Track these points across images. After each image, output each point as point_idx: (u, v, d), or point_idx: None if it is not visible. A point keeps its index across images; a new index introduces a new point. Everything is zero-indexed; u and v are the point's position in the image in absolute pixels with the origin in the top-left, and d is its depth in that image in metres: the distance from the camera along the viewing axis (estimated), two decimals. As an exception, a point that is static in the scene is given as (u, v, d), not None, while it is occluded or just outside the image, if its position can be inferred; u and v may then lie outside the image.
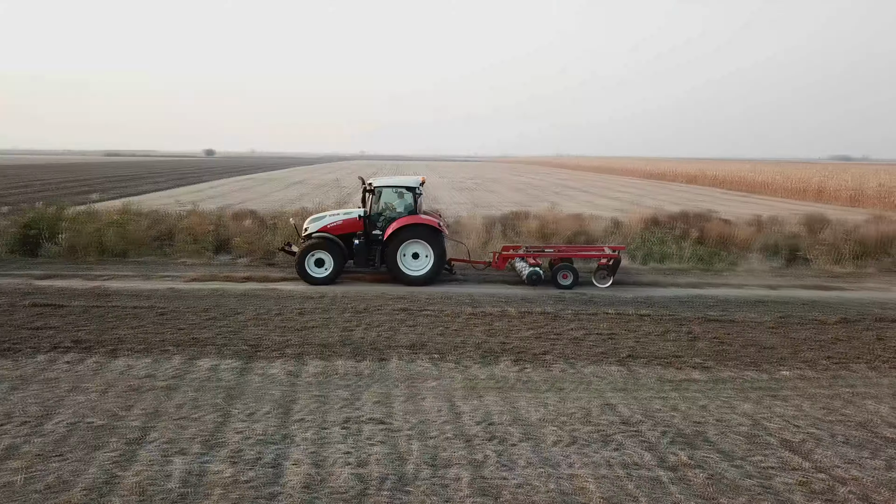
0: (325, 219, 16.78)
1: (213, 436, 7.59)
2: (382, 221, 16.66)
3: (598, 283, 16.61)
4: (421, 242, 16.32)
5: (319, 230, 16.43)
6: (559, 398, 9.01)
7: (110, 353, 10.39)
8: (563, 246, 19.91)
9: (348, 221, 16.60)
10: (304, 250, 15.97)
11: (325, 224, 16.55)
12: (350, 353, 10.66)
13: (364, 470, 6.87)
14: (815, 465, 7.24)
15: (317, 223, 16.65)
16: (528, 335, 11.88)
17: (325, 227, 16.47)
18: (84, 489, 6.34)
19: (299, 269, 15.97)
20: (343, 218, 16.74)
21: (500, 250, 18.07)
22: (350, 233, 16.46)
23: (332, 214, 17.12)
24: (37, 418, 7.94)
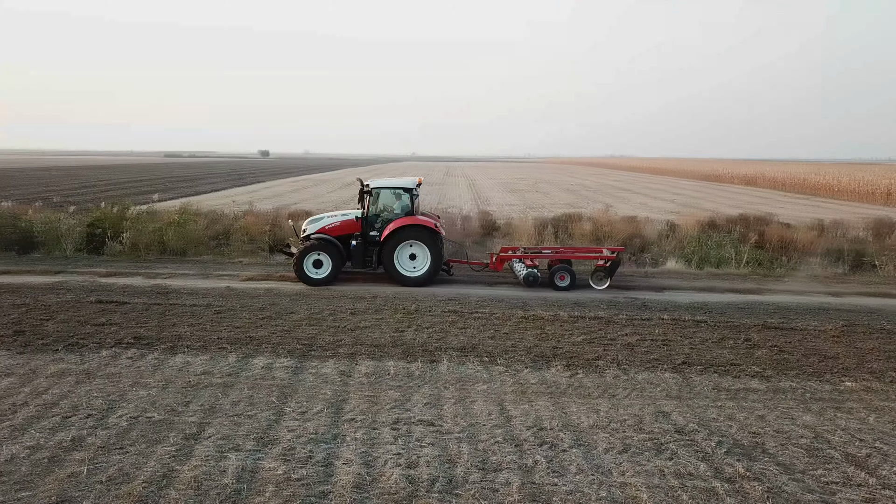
0: (323, 220, 16.87)
1: (267, 433, 7.73)
2: (380, 223, 16.66)
3: (595, 284, 16.43)
4: (418, 243, 16.31)
5: (317, 231, 16.50)
6: (611, 404, 8.86)
7: (170, 350, 10.70)
8: (560, 247, 19.80)
9: (346, 223, 16.67)
10: (303, 252, 15.96)
11: (323, 225, 16.64)
12: (401, 353, 10.73)
13: (414, 471, 6.89)
14: (882, 481, 6.94)
15: (315, 224, 16.73)
16: (581, 340, 11.73)
17: (323, 229, 16.55)
18: (144, 482, 6.54)
19: (298, 269, 15.94)
20: (341, 219, 16.81)
21: (499, 251, 18.10)
22: (348, 234, 16.54)
23: (329, 216, 17.16)
24: (100, 411, 8.23)
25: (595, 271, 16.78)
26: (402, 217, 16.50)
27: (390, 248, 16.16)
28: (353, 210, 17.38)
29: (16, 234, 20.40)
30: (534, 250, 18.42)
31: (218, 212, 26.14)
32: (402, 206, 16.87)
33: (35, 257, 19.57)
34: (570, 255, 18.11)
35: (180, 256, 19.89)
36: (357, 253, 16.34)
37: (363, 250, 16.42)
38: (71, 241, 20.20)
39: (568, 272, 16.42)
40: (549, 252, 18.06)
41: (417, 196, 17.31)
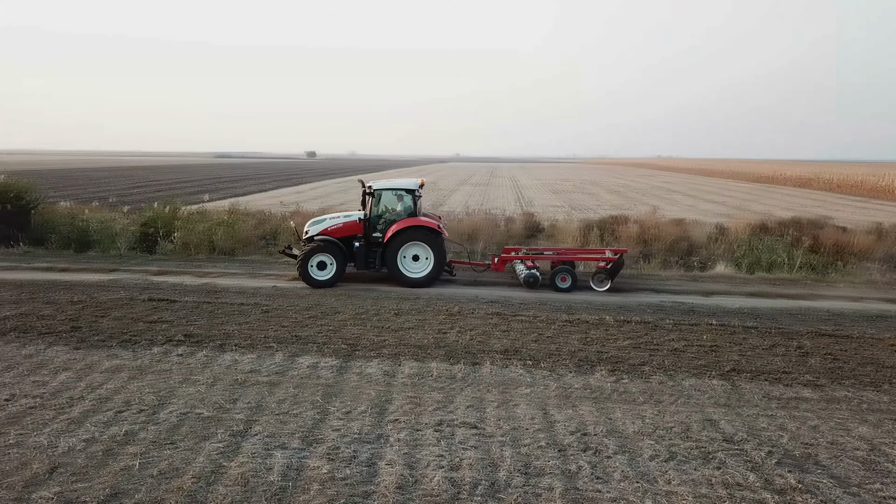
0: (326, 222, 16.76)
1: (312, 432, 7.83)
2: (382, 224, 16.64)
3: (595, 286, 16.28)
4: (421, 244, 16.31)
5: (320, 233, 16.42)
6: (657, 411, 8.72)
7: (218, 348, 10.94)
8: (562, 249, 19.65)
9: (348, 224, 16.59)
10: (307, 253, 15.88)
11: (326, 227, 16.56)
12: (444, 355, 10.75)
13: (456, 474, 6.89)
14: (943, 498, 6.66)
15: (317, 226, 16.64)
16: (626, 345, 11.57)
17: (326, 230, 16.48)
18: (193, 477, 6.70)
19: (302, 271, 15.84)
20: (343, 221, 16.71)
21: (502, 252, 18.09)
22: (350, 235, 16.48)
23: (332, 217, 17.06)
24: (152, 407, 8.46)
25: (596, 273, 16.68)
26: (405, 218, 16.51)
27: (393, 249, 16.17)
28: (355, 211, 17.30)
29: (74, 233, 21.12)
30: (535, 251, 18.45)
31: (266, 212, 26.65)
32: (405, 208, 16.87)
33: (91, 255, 20.23)
34: (572, 256, 18.05)
35: (229, 256, 20.32)
36: (360, 254, 16.33)
37: (366, 251, 16.42)
38: (125, 240, 20.83)
39: (569, 274, 16.36)
40: (550, 253, 18.07)
41: (420, 197, 17.28)
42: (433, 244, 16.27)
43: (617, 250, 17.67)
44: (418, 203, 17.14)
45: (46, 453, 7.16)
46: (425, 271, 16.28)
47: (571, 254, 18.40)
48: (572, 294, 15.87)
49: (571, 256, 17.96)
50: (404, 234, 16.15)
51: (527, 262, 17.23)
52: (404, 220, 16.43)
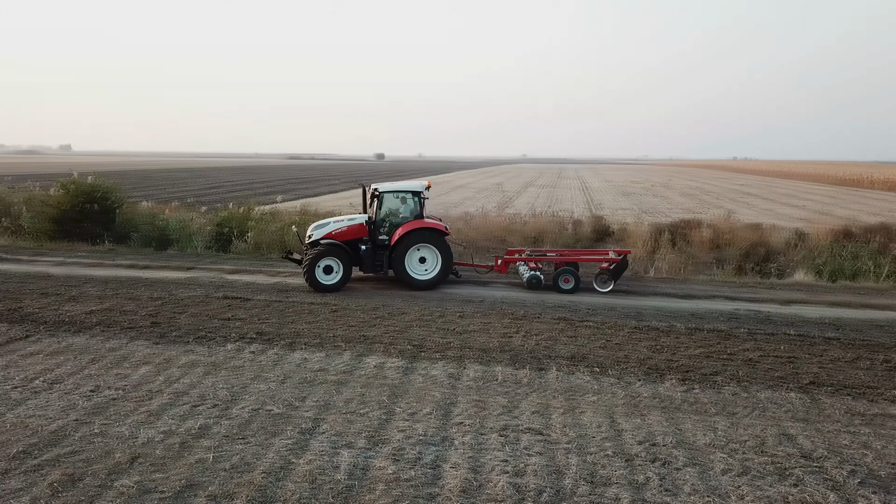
0: (330, 225, 16.44)
1: (378, 432, 7.93)
2: (388, 227, 16.46)
3: (599, 287, 16.24)
4: (428, 246, 16.18)
5: (325, 237, 16.14)
6: (730, 423, 8.42)
7: (288, 346, 11.21)
8: (565, 250, 19.36)
9: (353, 227, 16.34)
10: (315, 258, 15.54)
11: (330, 230, 16.26)
12: (509, 359, 10.69)
13: (521, 480, 6.84)
14: None
15: (321, 230, 16.35)
16: (697, 353, 11.23)
17: (331, 234, 16.18)
18: (263, 472, 6.88)
19: (309, 276, 15.52)
20: (348, 224, 16.43)
21: (505, 254, 17.91)
22: (356, 238, 16.24)
23: (336, 221, 16.72)
24: (225, 402, 8.74)
25: (598, 274, 16.52)
26: (411, 220, 16.37)
27: (401, 251, 16.02)
28: (359, 214, 17.02)
29: (154, 232, 22.08)
30: (538, 253, 18.28)
31: (336, 213, 27.16)
32: (411, 210, 16.73)
33: (170, 253, 21.09)
34: (575, 257, 17.80)
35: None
36: (367, 257, 16.12)
37: (373, 254, 16.23)
38: (201, 239, 21.64)
39: (572, 275, 16.27)
40: (553, 255, 17.90)
41: (427, 199, 17.09)
42: (440, 246, 16.18)
43: (621, 252, 17.67)
44: (424, 205, 16.92)
45: (128, 443, 7.50)
46: (433, 273, 16.21)
47: (575, 255, 18.18)
48: (640, 300, 15.50)
49: (575, 258, 17.78)
50: (412, 236, 16.03)
51: (530, 264, 17.15)
52: (411, 222, 16.31)
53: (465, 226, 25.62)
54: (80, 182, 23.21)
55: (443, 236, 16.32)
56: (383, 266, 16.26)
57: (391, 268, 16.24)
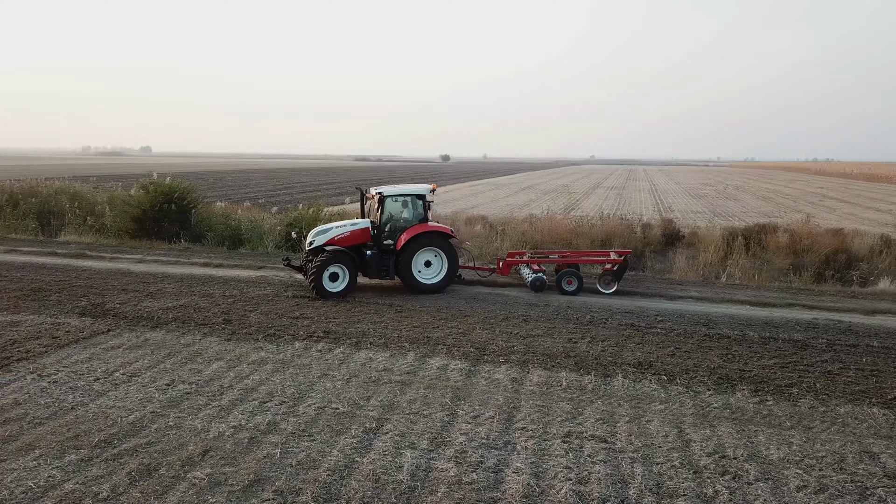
0: (332, 231, 15.79)
1: (441, 434, 7.95)
2: (393, 231, 15.99)
3: (602, 288, 16.22)
4: (434, 250, 15.87)
5: (327, 243, 15.52)
6: (806, 438, 8.06)
7: (355, 345, 11.39)
8: (567, 251, 18.98)
9: (356, 232, 15.78)
10: (322, 264, 14.93)
11: (333, 236, 15.63)
12: (574, 365, 10.54)
13: (584, 488, 6.74)
14: None
15: (323, 236, 15.68)
16: (771, 364, 10.80)
17: (333, 240, 15.57)
18: (328, 469, 7.01)
19: (317, 283, 14.88)
20: (350, 229, 15.83)
21: (506, 256, 17.65)
22: (359, 244, 15.72)
23: (338, 226, 16.03)
24: (292, 399, 8.94)
25: (602, 275, 16.48)
26: (416, 224, 16.00)
27: (407, 256, 15.63)
28: (360, 219, 16.43)
29: (227, 231, 22.83)
30: (540, 255, 18.02)
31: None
32: (416, 214, 16.34)
33: (242, 252, 21.75)
34: (577, 259, 17.51)
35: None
36: (373, 263, 15.62)
37: (379, 260, 15.73)
38: (272, 239, 22.23)
39: (575, 276, 16.20)
40: (555, 256, 17.68)
41: (431, 202, 16.68)
42: (446, 249, 15.92)
43: (622, 252, 17.68)
44: (429, 208, 16.59)
45: (200, 436, 7.77)
46: (439, 277, 15.96)
47: (577, 256, 17.83)
48: (711, 307, 15.03)
49: (577, 259, 17.50)
50: (419, 239, 15.67)
51: (533, 266, 16.94)
52: (416, 225, 15.96)
53: (530, 228, 25.47)
54: (159, 183, 24.24)
55: (448, 239, 16.05)
56: (389, 271, 15.83)
57: (397, 273, 15.86)
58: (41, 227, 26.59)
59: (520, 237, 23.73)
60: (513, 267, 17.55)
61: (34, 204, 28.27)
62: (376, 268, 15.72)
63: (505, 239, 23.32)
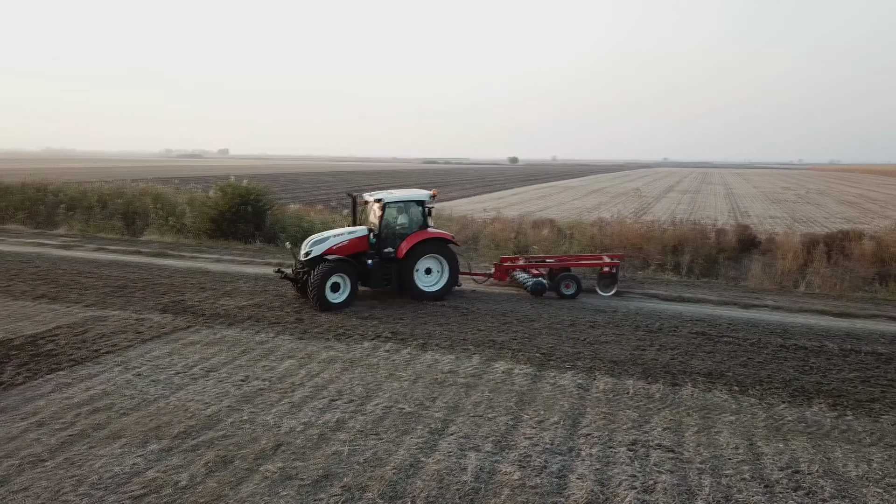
0: (330, 240, 15.10)
1: (504, 437, 8.00)
2: (392, 238, 15.43)
3: (601, 291, 16.41)
4: (436, 257, 15.56)
5: (326, 252, 14.82)
6: (888, 456, 7.72)
7: (421, 347, 11.56)
8: (562, 256, 18.75)
9: (354, 241, 15.14)
10: (324, 275, 14.19)
11: (332, 245, 14.94)
12: (641, 373, 10.40)
13: (649, 497, 6.67)
14: None
15: (321, 245, 14.95)
16: (852, 377, 10.37)
17: (332, 249, 14.88)
18: (394, 468, 7.17)
19: (320, 295, 14.12)
20: (349, 237, 15.16)
21: (500, 262, 17.53)
22: (358, 252, 15.12)
23: (336, 234, 15.31)
24: (360, 398, 9.17)
25: (601, 278, 16.59)
26: (417, 231, 15.57)
27: (410, 263, 15.20)
28: (358, 227, 15.72)
29: (300, 232, 23.46)
30: (536, 259, 17.83)
31: (468, 217, 27.60)
32: (416, 220, 15.85)
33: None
34: (573, 263, 17.22)
35: (433, 259, 21.30)
36: (376, 271, 15.06)
37: (381, 268, 15.18)
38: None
39: (574, 280, 16.19)
40: (551, 261, 17.45)
41: (432, 207, 16.24)
42: (448, 256, 15.61)
43: (614, 255, 18.06)
44: (430, 214, 16.12)
45: (272, 431, 8.07)
46: (440, 284, 15.59)
47: (573, 260, 17.52)
48: (787, 316, 14.51)
49: (573, 263, 17.25)
50: (422, 247, 15.29)
51: (532, 271, 16.80)
52: (418, 232, 15.53)
53: (598, 232, 25.14)
54: (236, 185, 25.16)
55: (449, 245, 15.79)
56: (392, 280, 15.36)
57: (400, 281, 15.38)
58: (126, 227, 28.03)
59: (588, 241, 23.49)
60: (510, 272, 17.21)
61: (120, 205, 29.83)
62: (379, 277, 15.23)
63: (573, 243, 23.12)
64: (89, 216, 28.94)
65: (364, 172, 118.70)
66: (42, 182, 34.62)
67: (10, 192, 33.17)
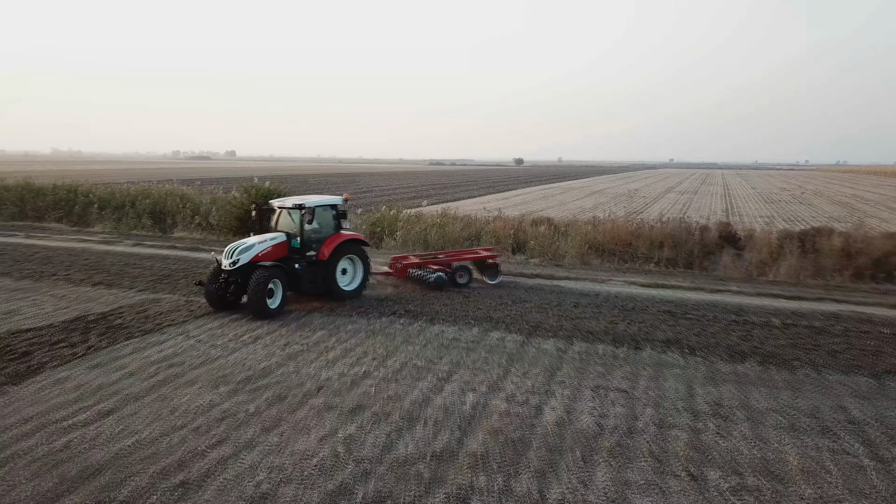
0: (255, 247, 14.99)
1: (496, 383, 10.23)
2: (311, 243, 15.78)
3: (489, 280, 18.35)
4: (351, 257, 16.32)
5: (252, 259, 14.78)
6: (793, 395, 9.92)
7: (430, 321, 13.83)
8: (450, 252, 20.90)
9: (276, 247, 15.37)
10: (262, 282, 14.19)
11: (257, 252, 14.94)
12: (611, 340, 12.66)
13: (603, 420, 8.89)
14: None
15: (248, 253, 14.79)
16: (784, 344, 12.60)
17: (258, 256, 14.91)
18: (411, 402, 9.41)
19: (261, 303, 14.12)
20: (272, 244, 15.30)
21: (391, 260, 18.99)
22: (281, 258, 15.41)
23: (260, 242, 15.20)
24: (382, 357, 11.42)
25: (486, 269, 18.59)
26: (333, 234, 16.12)
27: (332, 265, 15.72)
28: (276, 233, 15.82)
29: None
30: (427, 256, 19.72)
31: (472, 216, 29.79)
32: (331, 224, 16.40)
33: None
34: (456, 258, 19.07)
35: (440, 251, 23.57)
36: (305, 276, 15.32)
37: (308, 272, 15.43)
38: (358, 236, 25.05)
39: (466, 271, 18.10)
40: (442, 257, 19.41)
41: (345, 211, 16.93)
42: (362, 256, 16.46)
43: (487, 249, 20.66)
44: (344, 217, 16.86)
45: (314, 379, 10.33)
46: (356, 283, 16.32)
47: (458, 256, 19.27)
48: (747, 299, 16.69)
49: (456, 258, 19.00)
50: (342, 248, 15.90)
51: (431, 266, 18.34)
52: (334, 235, 16.07)
53: (592, 230, 27.29)
54: (259, 186, 27.47)
55: (363, 246, 16.63)
56: (317, 283, 15.64)
57: (323, 283, 15.70)
58: (154, 224, 30.36)
59: (582, 238, 25.65)
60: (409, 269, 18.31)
61: (148, 204, 32.14)
62: (307, 280, 15.43)
63: (567, 239, 25.31)
64: (121, 215, 31.30)
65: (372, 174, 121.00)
66: (72, 184, 37.02)
67: (44, 193, 35.59)
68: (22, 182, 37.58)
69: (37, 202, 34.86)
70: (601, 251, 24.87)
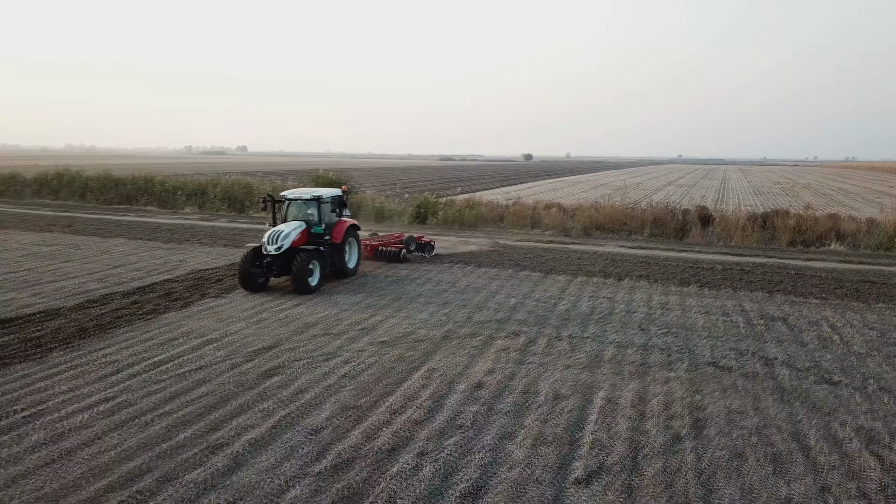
0: (291, 234, 17.00)
1: (527, 294, 16.32)
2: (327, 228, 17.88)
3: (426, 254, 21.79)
4: (351, 240, 18.95)
5: (293, 244, 16.96)
6: (714, 299, 15.98)
7: (477, 266, 20.05)
8: (396, 234, 24.50)
9: (302, 233, 17.44)
10: (305, 262, 16.42)
11: (294, 238, 17.02)
12: (602, 276, 18.77)
13: (595, 303, 15.01)
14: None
15: (287, 239, 16.86)
16: (719, 278, 18.65)
17: (295, 241, 17.06)
18: (475, 303, 15.51)
19: (304, 281, 16.39)
20: (298, 232, 17.26)
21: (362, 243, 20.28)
22: (306, 243, 17.46)
23: (293, 230, 17.22)
24: (449, 283, 17.54)
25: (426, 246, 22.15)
26: (339, 221, 18.48)
27: (342, 247, 18.20)
28: (295, 222, 17.70)
29: (373, 212, 31.94)
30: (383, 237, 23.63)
31: (494, 202, 35.94)
32: (336, 213, 18.65)
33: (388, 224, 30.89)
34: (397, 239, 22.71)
35: (472, 228, 29.74)
36: (328, 258, 17.72)
37: (331, 255, 17.91)
38: (406, 216, 31.21)
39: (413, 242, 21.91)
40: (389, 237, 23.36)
41: (347, 199, 19.56)
42: (357, 239, 19.31)
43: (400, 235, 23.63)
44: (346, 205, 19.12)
45: (416, 291, 16.46)
46: (354, 261, 19.01)
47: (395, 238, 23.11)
48: (699, 254, 22.69)
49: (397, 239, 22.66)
50: (349, 232, 18.52)
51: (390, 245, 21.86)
52: (341, 220, 18.51)
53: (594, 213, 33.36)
54: (324, 176, 33.67)
55: (358, 230, 19.31)
56: (333, 263, 17.99)
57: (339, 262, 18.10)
58: (230, 207, 36.55)
59: (587, 219, 31.72)
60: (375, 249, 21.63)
61: (219, 192, 38.31)
62: (330, 262, 17.82)
63: (574, 219, 31.38)
64: (204, 200, 37.56)
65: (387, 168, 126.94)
66: (148, 175, 43.33)
67: (123, 184, 41.89)
68: (103, 173, 43.94)
69: (118, 190, 41.15)
70: (602, 228, 30.90)
